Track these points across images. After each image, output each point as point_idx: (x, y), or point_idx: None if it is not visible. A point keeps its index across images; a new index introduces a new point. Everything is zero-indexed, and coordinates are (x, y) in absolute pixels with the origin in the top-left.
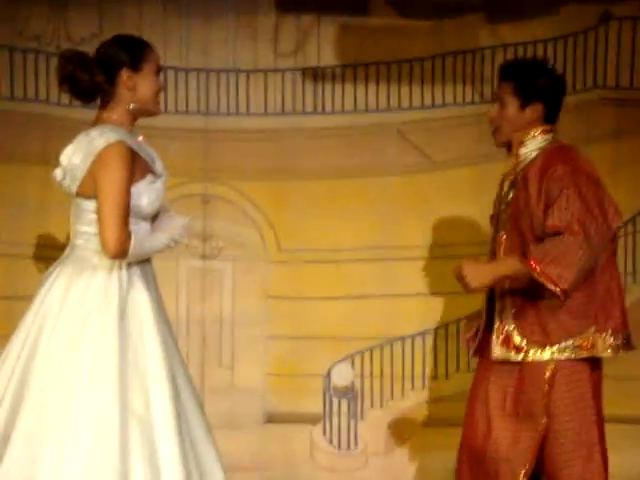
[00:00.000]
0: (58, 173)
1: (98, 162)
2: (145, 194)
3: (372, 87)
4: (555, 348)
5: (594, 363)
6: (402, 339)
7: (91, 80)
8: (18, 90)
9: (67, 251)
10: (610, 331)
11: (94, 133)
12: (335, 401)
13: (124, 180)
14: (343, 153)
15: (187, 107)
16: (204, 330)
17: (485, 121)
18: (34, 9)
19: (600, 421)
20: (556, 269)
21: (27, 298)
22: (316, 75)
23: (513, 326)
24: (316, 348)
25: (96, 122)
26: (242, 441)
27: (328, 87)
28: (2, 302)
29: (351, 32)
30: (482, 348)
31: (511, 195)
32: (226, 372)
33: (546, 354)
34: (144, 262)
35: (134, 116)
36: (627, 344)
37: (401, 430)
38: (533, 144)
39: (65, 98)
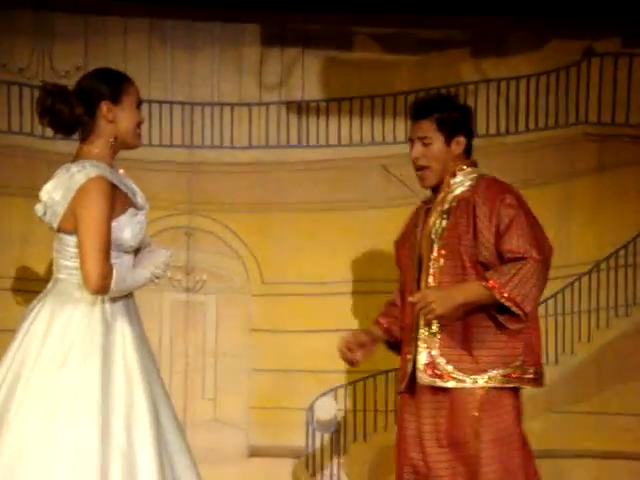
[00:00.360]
0: (39, 209)
1: (79, 197)
2: (128, 227)
3: (356, 121)
4: (484, 376)
5: (516, 393)
6: (385, 373)
7: (71, 113)
8: (2, 123)
9: (50, 285)
10: (532, 364)
11: (74, 169)
12: (318, 435)
13: (105, 215)
14: (327, 186)
15: (171, 140)
16: (187, 363)
17: None
18: (18, 42)
19: (525, 447)
20: (521, 292)
21: (8, 331)
22: (300, 108)
23: (440, 353)
24: (299, 381)
25: (77, 156)
26: (225, 475)
27: (312, 121)
28: None
29: (336, 66)
30: (408, 385)
31: (445, 222)
32: (209, 405)
33: (475, 381)
34: (127, 295)
35: (114, 149)
36: (540, 380)
37: (384, 464)
38: (463, 174)
39: (49, 131)
